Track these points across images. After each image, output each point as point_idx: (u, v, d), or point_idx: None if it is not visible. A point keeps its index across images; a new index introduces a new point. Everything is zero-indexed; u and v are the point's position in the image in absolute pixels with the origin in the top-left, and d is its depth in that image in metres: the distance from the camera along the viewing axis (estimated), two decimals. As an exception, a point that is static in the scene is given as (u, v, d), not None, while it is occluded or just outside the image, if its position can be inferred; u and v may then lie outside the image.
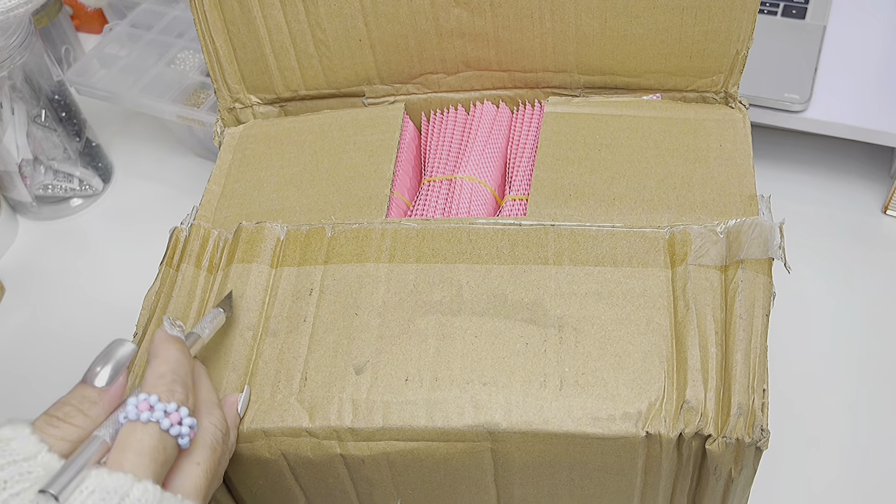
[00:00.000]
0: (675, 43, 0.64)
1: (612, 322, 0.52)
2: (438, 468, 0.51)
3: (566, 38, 0.66)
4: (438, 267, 0.56)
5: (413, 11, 0.65)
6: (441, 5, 0.65)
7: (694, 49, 0.64)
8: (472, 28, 0.66)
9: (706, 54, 0.65)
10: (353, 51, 0.68)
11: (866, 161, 0.91)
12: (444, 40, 0.67)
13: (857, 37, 0.91)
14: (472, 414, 0.50)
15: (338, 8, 0.66)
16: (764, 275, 0.53)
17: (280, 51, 0.68)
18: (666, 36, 0.64)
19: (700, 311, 0.52)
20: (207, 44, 0.69)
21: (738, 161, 0.61)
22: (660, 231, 0.57)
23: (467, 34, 0.67)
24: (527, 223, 0.58)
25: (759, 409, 0.48)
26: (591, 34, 0.65)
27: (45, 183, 0.93)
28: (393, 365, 0.52)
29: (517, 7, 0.64)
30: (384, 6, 0.65)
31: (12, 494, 0.39)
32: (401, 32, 0.67)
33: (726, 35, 0.63)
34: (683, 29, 0.64)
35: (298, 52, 0.68)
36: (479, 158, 0.67)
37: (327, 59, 0.68)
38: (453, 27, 0.66)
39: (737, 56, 0.64)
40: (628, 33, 0.64)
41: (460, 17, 0.66)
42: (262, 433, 0.50)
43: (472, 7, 0.65)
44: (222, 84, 0.70)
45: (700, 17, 0.63)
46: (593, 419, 0.49)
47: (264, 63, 0.69)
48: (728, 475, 0.50)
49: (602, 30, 0.64)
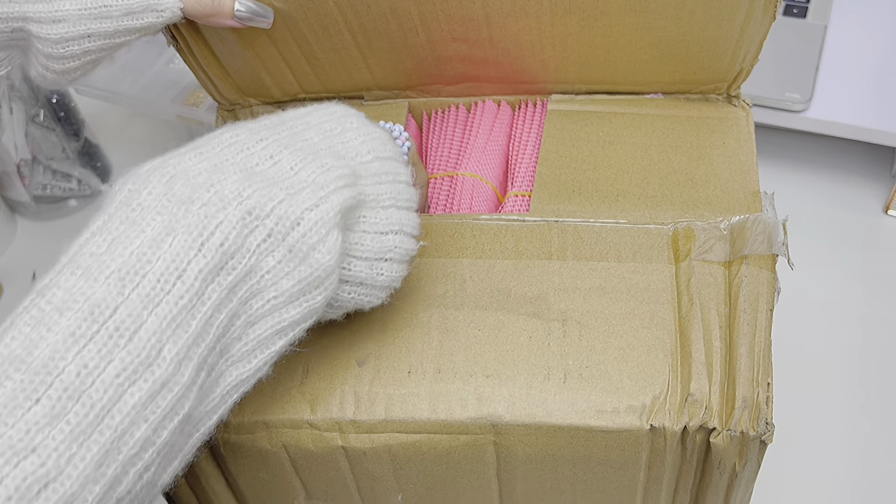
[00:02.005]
0: (680, 65, 0.63)
1: (616, 316, 0.52)
2: (441, 461, 0.51)
3: (568, 63, 0.65)
4: (441, 261, 0.56)
5: (409, 45, 0.64)
6: (438, 40, 0.64)
7: (699, 67, 0.63)
8: (471, 55, 0.65)
9: (711, 70, 0.64)
10: (349, 71, 0.67)
11: (867, 161, 0.91)
12: (443, 63, 0.66)
13: (858, 36, 0.91)
14: (475, 406, 0.49)
15: (331, 44, 0.64)
16: (768, 270, 0.53)
17: (276, 72, 0.66)
18: (671, 60, 0.63)
19: (704, 306, 0.52)
20: (198, 72, 0.67)
21: (742, 158, 0.61)
22: (663, 227, 0.56)
23: (467, 59, 0.65)
24: (530, 219, 0.58)
25: (763, 402, 0.48)
26: (594, 61, 0.64)
27: (43, 183, 0.92)
28: (396, 357, 0.52)
29: (518, 42, 0.63)
30: (378, 41, 0.64)
31: None
32: (398, 59, 0.65)
33: (731, 58, 0.62)
34: (689, 56, 0.62)
35: (294, 71, 0.67)
36: (480, 155, 0.66)
37: (324, 75, 0.67)
38: (452, 55, 0.65)
39: (741, 72, 0.64)
40: (632, 60, 0.63)
41: (459, 49, 0.64)
42: (262, 424, 0.50)
43: (470, 42, 0.63)
44: (218, 96, 0.69)
45: (706, 47, 0.62)
46: (597, 412, 0.48)
47: (260, 80, 0.68)
48: (732, 469, 0.49)
49: (606, 57, 0.63)
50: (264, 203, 0.42)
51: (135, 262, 0.39)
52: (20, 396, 0.35)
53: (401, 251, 0.48)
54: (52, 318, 0.37)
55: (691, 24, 0.60)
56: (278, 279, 0.43)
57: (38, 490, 0.34)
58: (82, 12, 0.55)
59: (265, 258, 0.42)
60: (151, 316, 0.38)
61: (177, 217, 0.40)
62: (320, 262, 0.43)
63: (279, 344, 0.44)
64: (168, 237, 0.40)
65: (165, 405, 0.38)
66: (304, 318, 0.45)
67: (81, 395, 0.36)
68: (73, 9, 0.55)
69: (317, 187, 0.44)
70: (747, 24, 0.59)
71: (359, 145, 0.49)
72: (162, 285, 0.39)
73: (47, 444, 0.34)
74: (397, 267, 0.49)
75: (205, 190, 0.41)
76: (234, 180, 0.42)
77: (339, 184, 0.45)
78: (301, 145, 0.47)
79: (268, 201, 0.42)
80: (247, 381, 0.44)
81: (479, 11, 0.60)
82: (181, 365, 0.39)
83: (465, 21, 0.61)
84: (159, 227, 0.40)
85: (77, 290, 0.38)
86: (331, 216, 0.44)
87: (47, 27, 0.55)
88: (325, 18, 0.61)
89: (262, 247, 0.42)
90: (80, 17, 0.55)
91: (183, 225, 0.40)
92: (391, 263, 0.48)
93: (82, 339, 0.37)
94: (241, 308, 0.42)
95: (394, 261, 0.48)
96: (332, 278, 0.44)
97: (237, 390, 0.44)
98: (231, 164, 0.44)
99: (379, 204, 0.48)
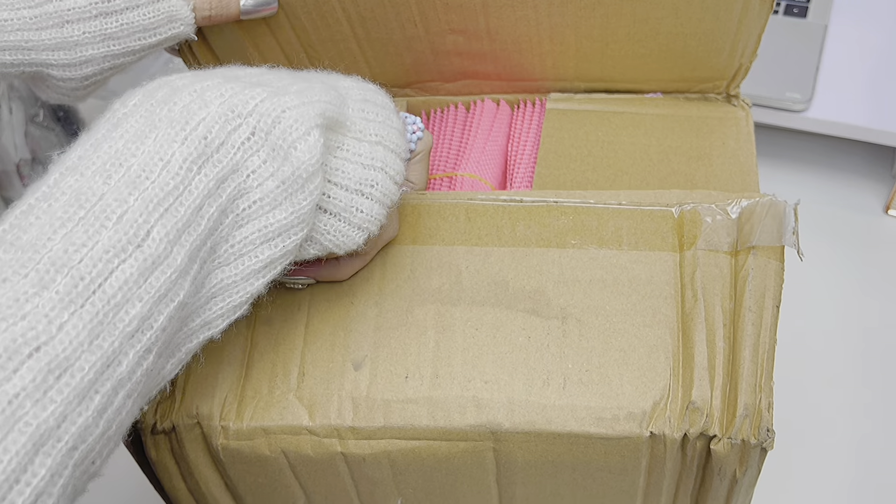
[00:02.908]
0: (678, 58, 0.63)
1: (616, 313, 0.51)
2: (440, 467, 0.51)
3: (566, 57, 0.64)
4: (436, 249, 0.55)
5: (407, 37, 0.64)
6: (436, 31, 0.63)
7: (697, 63, 0.63)
8: (468, 49, 0.64)
9: (709, 67, 0.63)
10: (348, 66, 0.66)
11: (868, 161, 0.91)
12: (441, 58, 0.66)
13: (858, 36, 0.91)
14: (473, 413, 0.49)
15: (329, 35, 0.64)
16: (776, 261, 0.51)
17: (272, 61, 0.66)
18: (668, 55, 0.63)
19: (708, 302, 0.51)
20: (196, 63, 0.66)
21: (742, 159, 0.61)
22: (668, 209, 0.54)
23: (464, 53, 0.65)
24: (528, 199, 0.56)
25: (765, 408, 0.48)
26: (591, 55, 0.64)
27: (42, 182, 0.92)
28: (392, 360, 0.51)
29: (515, 33, 0.63)
30: (377, 33, 0.63)
31: None
32: (395, 52, 0.65)
33: (730, 53, 0.62)
34: (686, 50, 0.62)
35: (292, 63, 0.67)
36: (479, 155, 0.66)
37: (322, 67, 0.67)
38: (450, 49, 0.65)
39: (740, 68, 0.63)
40: (630, 54, 0.63)
41: (456, 41, 0.64)
42: (261, 430, 0.50)
43: (468, 34, 0.63)
44: None
45: (703, 40, 0.61)
46: (597, 419, 0.48)
47: None
48: (732, 475, 0.49)
49: (603, 51, 0.63)
50: (246, 101, 0.43)
51: (118, 156, 0.40)
52: (7, 271, 0.36)
53: (381, 189, 0.48)
54: (40, 207, 0.38)
55: (689, 15, 0.59)
56: (263, 180, 0.43)
57: (28, 352, 0.34)
58: (100, 35, 0.54)
59: (250, 157, 0.43)
60: (138, 201, 0.39)
61: (159, 116, 0.41)
62: (301, 160, 0.43)
63: (267, 253, 0.44)
64: (152, 132, 0.41)
65: (159, 286, 0.38)
66: (292, 226, 0.44)
67: (70, 269, 0.36)
68: (91, 40, 0.55)
69: (300, 95, 0.45)
70: (745, 15, 0.59)
71: (353, 90, 0.50)
72: (147, 174, 0.39)
73: (37, 311, 0.35)
74: (376, 207, 0.48)
75: (187, 93, 0.42)
76: (216, 83, 0.43)
77: (322, 98, 0.46)
78: (295, 74, 0.49)
79: (249, 99, 0.43)
80: (233, 289, 0.44)
81: (476, 1, 0.60)
82: (172, 248, 0.39)
83: (463, 11, 0.61)
84: (142, 124, 0.41)
85: (64, 184, 0.39)
86: (311, 116, 0.44)
87: (70, 70, 0.55)
88: (324, 6, 0.61)
89: (247, 145, 0.43)
90: (101, 41, 0.55)
91: (165, 119, 0.41)
92: (370, 201, 0.48)
93: (69, 222, 0.37)
94: (229, 205, 0.42)
95: (373, 199, 0.48)
96: (315, 180, 0.44)
97: (222, 297, 0.44)
98: (216, 74, 0.45)
99: (364, 138, 0.48)
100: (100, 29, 0.54)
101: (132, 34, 0.56)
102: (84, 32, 0.54)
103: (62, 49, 0.54)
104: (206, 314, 0.43)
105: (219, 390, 0.51)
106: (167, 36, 0.57)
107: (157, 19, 0.56)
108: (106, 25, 0.54)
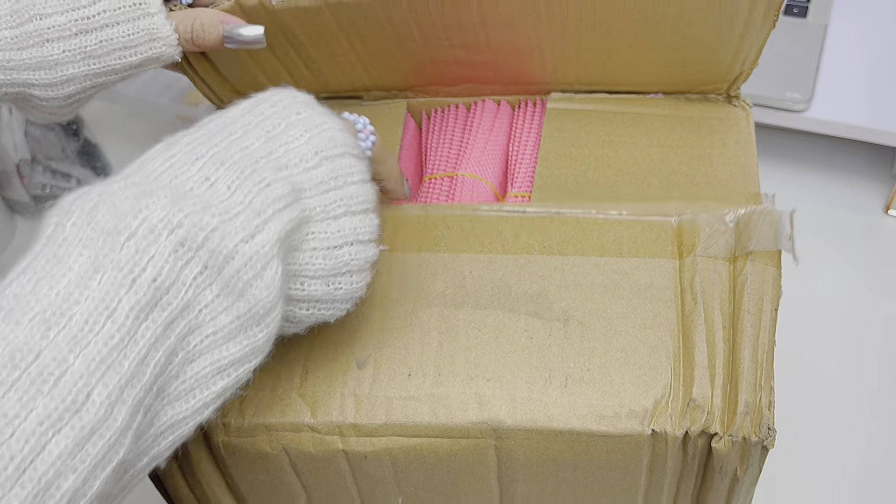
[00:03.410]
0: (679, 66, 0.63)
1: (617, 316, 0.52)
2: (441, 464, 0.51)
3: (567, 65, 0.65)
4: (441, 256, 0.55)
5: (407, 52, 0.64)
6: (436, 46, 0.63)
7: (698, 70, 0.63)
8: (469, 59, 0.65)
9: (710, 73, 0.63)
10: (347, 74, 0.67)
11: (868, 161, 0.91)
12: (441, 66, 0.66)
13: (858, 36, 0.91)
14: (475, 410, 0.49)
15: (329, 50, 0.63)
16: (773, 267, 0.52)
17: (273, 75, 0.66)
18: (670, 64, 0.63)
19: (708, 305, 0.51)
20: (196, 80, 0.66)
21: (743, 159, 0.61)
22: (668, 219, 0.56)
23: (465, 63, 0.65)
24: (531, 210, 0.57)
25: (766, 407, 0.48)
26: (593, 63, 0.64)
27: (42, 182, 0.92)
28: (395, 359, 0.51)
29: (515, 46, 0.63)
30: (377, 48, 0.63)
31: None
32: (395, 65, 0.65)
33: (731, 63, 0.62)
34: (688, 61, 0.62)
35: (293, 75, 0.66)
36: (480, 155, 0.66)
37: (322, 77, 0.67)
38: (450, 59, 0.65)
39: (741, 74, 0.64)
40: (632, 62, 0.63)
41: (457, 54, 0.64)
42: (263, 427, 0.50)
43: (468, 48, 0.63)
44: (216, 99, 0.69)
45: (705, 52, 0.61)
46: (598, 417, 0.48)
47: (257, 84, 0.67)
48: (734, 474, 0.49)
49: (605, 60, 0.63)
50: (196, 233, 0.39)
51: (61, 303, 0.36)
52: None
53: (359, 261, 0.46)
54: None
55: (690, 31, 0.60)
56: (216, 314, 0.41)
57: None
58: (81, 53, 0.54)
59: (202, 292, 0.40)
60: (79, 359, 0.35)
61: (104, 251, 0.38)
62: (258, 298, 0.41)
63: (219, 385, 0.42)
64: (96, 274, 0.37)
65: (96, 453, 0.35)
66: (247, 357, 0.42)
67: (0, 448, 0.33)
68: (72, 59, 0.54)
69: (253, 213, 0.41)
70: (747, 31, 0.59)
71: (303, 145, 0.46)
72: (90, 326, 0.36)
73: None
74: (357, 278, 0.47)
75: (132, 218, 0.39)
76: (162, 205, 0.39)
77: (277, 206, 0.42)
78: (239, 157, 0.44)
79: (199, 231, 0.40)
80: (183, 423, 0.41)
81: (475, 18, 0.60)
82: (113, 409, 0.36)
83: (462, 28, 0.61)
84: (86, 264, 0.37)
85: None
86: (267, 249, 0.41)
87: (52, 90, 0.55)
88: (322, 28, 0.61)
89: (199, 280, 0.40)
90: (81, 59, 0.54)
91: (112, 260, 0.38)
92: (349, 276, 0.46)
93: (2, 386, 0.34)
94: (178, 345, 0.40)
95: (352, 272, 0.46)
96: (273, 315, 0.42)
97: (172, 432, 0.41)
98: (161, 188, 0.41)
99: (329, 215, 0.45)
100: (80, 47, 0.53)
101: (112, 52, 0.54)
102: (64, 51, 0.53)
103: (43, 68, 0.53)
104: (154, 451, 0.41)
105: None
106: (149, 56, 0.55)
107: (137, 37, 0.54)
108: (86, 43, 0.53)
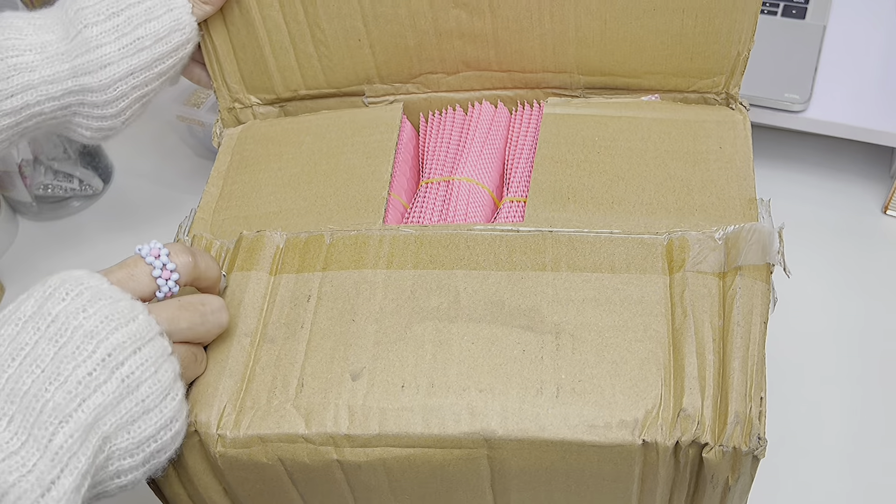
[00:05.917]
0: (676, 44, 0.64)
1: (609, 329, 0.52)
2: (435, 474, 0.51)
3: (566, 39, 0.66)
4: (436, 273, 0.56)
5: (412, 12, 0.66)
6: (440, 6, 0.65)
7: (695, 50, 0.64)
8: (471, 28, 0.66)
9: (707, 55, 0.64)
10: (352, 51, 0.68)
11: (866, 161, 0.91)
12: (444, 40, 0.67)
13: (857, 37, 0.91)
14: (468, 421, 0.49)
15: (336, 9, 0.66)
16: (762, 282, 0.53)
17: (279, 50, 0.68)
18: (666, 37, 0.64)
19: (698, 319, 0.52)
20: (207, 43, 0.69)
21: (738, 164, 0.61)
22: (658, 237, 0.56)
23: (466, 34, 0.66)
24: (524, 230, 0.58)
25: (756, 417, 0.48)
26: (590, 35, 0.65)
27: (44, 183, 0.93)
28: (389, 371, 0.52)
29: (516, 8, 0.64)
30: (382, 7, 0.66)
31: None
32: (399, 32, 0.67)
33: (727, 36, 0.63)
34: (684, 30, 0.63)
35: (298, 51, 0.68)
36: (476, 160, 0.67)
37: (327, 58, 0.69)
38: (452, 27, 0.66)
39: (738, 57, 0.64)
40: (628, 34, 0.64)
41: (459, 17, 0.65)
42: (258, 439, 0.50)
43: (470, 8, 0.65)
44: (222, 83, 0.71)
45: (700, 19, 0.63)
46: (590, 427, 0.49)
47: (264, 63, 0.69)
48: (725, 483, 0.50)
49: (602, 31, 0.64)
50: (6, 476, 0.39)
51: None
52: None
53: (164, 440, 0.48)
54: None
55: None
56: None
57: None
58: (123, 51, 0.64)
59: None
60: None
61: None
62: None
63: None
64: None
65: None
66: None
67: None
68: (116, 54, 0.63)
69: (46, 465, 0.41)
70: None
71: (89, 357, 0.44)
72: None
73: None
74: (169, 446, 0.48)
75: None
76: None
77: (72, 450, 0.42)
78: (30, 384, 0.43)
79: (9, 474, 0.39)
80: None
81: None
82: None
83: None
84: None
85: None
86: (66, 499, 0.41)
87: (102, 94, 0.64)
88: None
89: None
90: (122, 57, 0.64)
91: None
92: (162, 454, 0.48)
93: None
94: None
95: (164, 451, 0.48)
96: None
97: None
98: None
99: (126, 420, 0.46)
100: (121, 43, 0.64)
101: (147, 46, 0.64)
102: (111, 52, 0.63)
103: (94, 71, 0.63)
104: None
105: (218, 400, 0.52)
106: (177, 43, 0.65)
107: (164, 27, 0.65)
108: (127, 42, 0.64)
